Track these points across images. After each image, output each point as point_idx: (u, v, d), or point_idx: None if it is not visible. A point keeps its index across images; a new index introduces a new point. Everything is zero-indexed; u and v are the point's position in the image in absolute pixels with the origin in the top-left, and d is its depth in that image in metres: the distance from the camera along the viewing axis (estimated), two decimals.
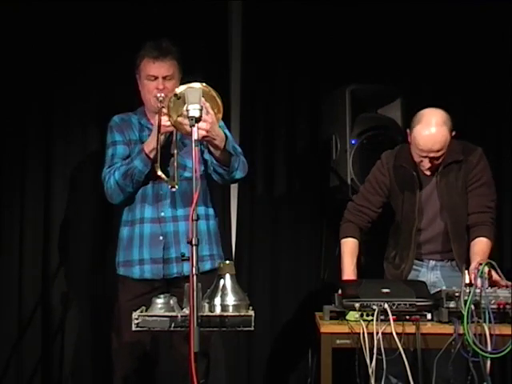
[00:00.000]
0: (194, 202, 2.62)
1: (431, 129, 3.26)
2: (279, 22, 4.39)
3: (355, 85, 4.07)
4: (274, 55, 4.43)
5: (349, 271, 3.42)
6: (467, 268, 3.10)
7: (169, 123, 3.14)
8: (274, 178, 4.45)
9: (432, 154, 3.29)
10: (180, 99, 2.97)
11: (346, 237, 3.50)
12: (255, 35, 4.43)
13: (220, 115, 3.13)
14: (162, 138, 3.23)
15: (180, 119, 3.05)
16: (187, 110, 2.71)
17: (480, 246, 3.33)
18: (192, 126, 2.70)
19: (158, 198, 3.36)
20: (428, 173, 3.40)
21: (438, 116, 3.30)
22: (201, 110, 2.71)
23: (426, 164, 3.33)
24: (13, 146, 4.22)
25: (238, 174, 3.37)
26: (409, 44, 4.36)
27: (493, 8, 4.25)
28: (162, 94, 3.24)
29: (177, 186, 3.12)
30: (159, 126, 3.18)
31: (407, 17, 4.35)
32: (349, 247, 3.48)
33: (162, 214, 3.36)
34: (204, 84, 2.98)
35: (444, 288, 3.02)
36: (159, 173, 3.11)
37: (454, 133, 3.34)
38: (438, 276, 3.49)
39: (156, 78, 3.34)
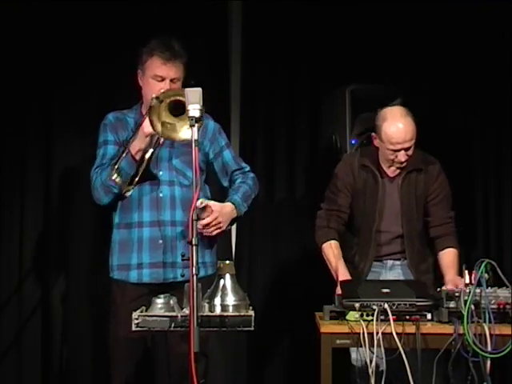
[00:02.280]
0: (194, 201, 2.61)
1: (398, 122, 3.40)
2: (279, 22, 4.40)
3: (355, 85, 4.07)
4: (274, 55, 4.43)
5: (343, 271, 3.43)
6: (467, 268, 3.11)
7: (149, 125, 3.09)
8: (274, 178, 4.45)
9: (406, 144, 3.40)
10: (163, 102, 2.97)
11: (328, 240, 3.53)
12: (255, 35, 4.43)
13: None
14: (147, 140, 3.18)
15: (164, 127, 3.03)
16: (187, 110, 2.71)
17: (450, 257, 3.47)
18: (192, 125, 2.70)
19: (157, 201, 3.31)
20: (395, 172, 3.49)
21: (399, 110, 3.46)
22: (201, 110, 2.70)
23: (402, 156, 3.42)
24: (13, 146, 4.22)
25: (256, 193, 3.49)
26: (409, 44, 4.36)
27: (493, 8, 4.25)
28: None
29: (130, 192, 3.13)
30: (139, 126, 3.17)
31: (407, 17, 4.35)
32: (333, 249, 3.51)
33: (162, 217, 3.30)
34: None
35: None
36: (114, 177, 3.12)
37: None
38: (398, 274, 3.56)
39: (163, 79, 3.28)
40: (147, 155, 3.23)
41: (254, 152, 4.43)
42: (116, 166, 3.14)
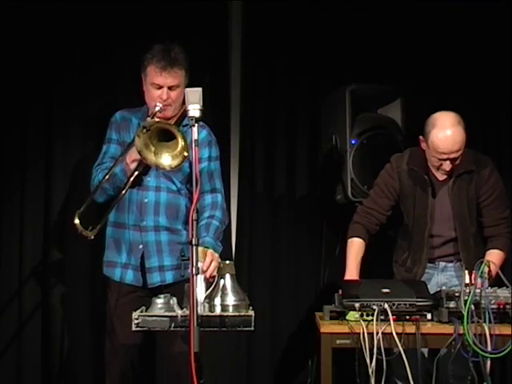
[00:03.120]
0: (194, 201, 2.62)
1: (447, 131, 3.32)
2: (279, 22, 4.39)
3: (355, 85, 4.07)
4: (274, 55, 4.43)
5: (352, 270, 3.43)
6: (467, 268, 3.11)
7: (136, 154, 3.12)
8: (274, 178, 4.45)
9: (453, 155, 3.34)
10: (149, 131, 2.97)
11: (353, 236, 3.53)
12: (255, 35, 4.43)
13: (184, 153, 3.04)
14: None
15: (150, 157, 3.04)
16: (187, 110, 2.72)
17: (491, 257, 3.37)
18: (192, 125, 2.70)
19: (141, 206, 3.32)
20: (443, 177, 3.44)
21: (451, 117, 3.36)
22: (201, 110, 2.71)
23: (447, 166, 3.37)
24: (13, 146, 4.21)
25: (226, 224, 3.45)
26: (409, 44, 4.37)
27: (493, 8, 4.25)
28: (161, 105, 3.22)
29: (92, 237, 3.19)
30: (131, 143, 3.18)
31: (407, 17, 4.35)
32: (354, 247, 3.50)
33: (144, 223, 3.31)
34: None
35: (443, 288, 3.03)
36: (76, 221, 3.20)
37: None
38: (449, 276, 3.53)
39: (161, 87, 3.28)
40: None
41: (254, 152, 4.43)
42: (81, 210, 3.21)
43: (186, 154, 2.99)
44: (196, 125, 2.71)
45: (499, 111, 4.38)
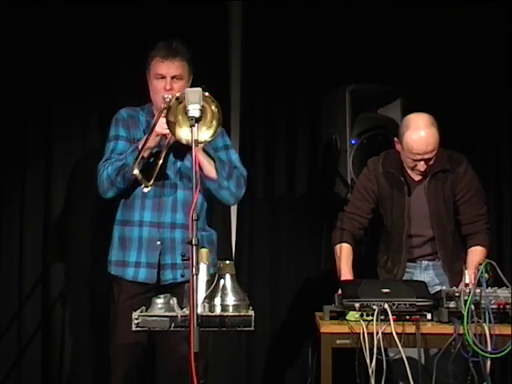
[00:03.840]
0: (194, 201, 2.62)
1: (421, 132, 3.34)
2: (279, 22, 4.39)
3: (355, 85, 4.07)
4: (274, 55, 4.43)
5: (347, 275, 3.43)
6: (467, 268, 3.11)
7: (165, 126, 3.08)
8: (273, 178, 4.45)
9: (427, 156, 3.36)
10: (181, 104, 2.91)
11: (340, 242, 3.54)
12: (255, 35, 4.43)
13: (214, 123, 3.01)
14: (157, 139, 3.20)
15: (177, 127, 2.99)
16: (187, 110, 2.71)
17: (475, 254, 3.42)
18: (192, 126, 2.70)
19: (159, 203, 3.33)
20: (418, 177, 3.46)
21: (425, 119, 3.38)
22: (201, 110, 2.71)
23: (422, 167, 3.40)
24: (13, 146, 4.22)
25: (232, 186, 3.33)
26: (409, 44, 4.36)
27: (493, 8, 4.25)
28: (170, 96, 3.16)
29: (149, 188, 3.12)
30: (154, 125, 3.16)
31: (407, 17, 4.35)
32: (343, 251, 3.51)
33: (162, 219, 3.32)
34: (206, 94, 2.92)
35: (444, 287, 3.03)
36: (135, 171, 3.09)
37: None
38: (431, 275, 3.53)
39: (164, 77, 3.29)
40: (162, 155, 3.22)
41: (254, 152, 4.43)
42: (137, 161, 3.11)
43: (216, 123, 2.96)
44: (196, 125, 2.70)
45: (499, 111, 4.38)
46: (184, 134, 2.98)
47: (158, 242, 3.31)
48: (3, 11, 4.10)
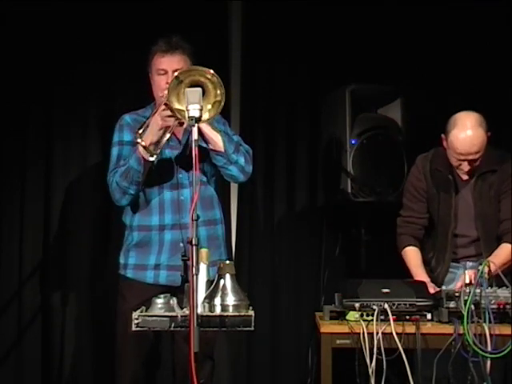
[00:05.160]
0: (194, 201, 2.62)
1: (467, 131, 3.28)
2: (279, 22, 4.39)
3: (355, 85, 4.07)
4: (274, 55, 4.43)
5: (419, 275, 3.39)
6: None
7: (168, 118, 3.07)
8: (274, 178, 4.45)
9: (471, 157, 3.31)
10: (182, 83, 2.87)
11: (404, 247, 3.51)
12: (255, 35, 4.43)
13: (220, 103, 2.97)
14: (160, 133, 3.15)
15: (178, 106, 2.90)
16: (187, 110, 2.71)
17: (500, 252, 3.36)
18: (192, 125, 2.69)
19: (178, 204, 3.31)
20: (466, 176, 3.41)
21: (472, 118, 3.32)
22: (201, 110, 2.71)
23: (466, 167, 3.35)
24: (13, 146, 4.21)
25: (241, 161, 3.31)
26: (409, 44, 4.36)
27: (493, 8, 4.25)
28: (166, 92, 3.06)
29: (154, 157, 3.10)
30: (153, 113, 3.14)
31: (407, 17, 4.35)
32: (410, 255, 3.48)
33: (183, 220, 3.26)
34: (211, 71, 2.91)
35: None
36: (139, 140, 3.06)
37: (489, 133, 3.36)
38: None
39: (166, 72, 3.28)
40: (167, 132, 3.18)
41: (254, 152, 4.40)
42: (141, 131, 3.09)
43: (220, 100, 2.91)
44: (196, 125, 2.70)
45: (499, 111, 4.38)
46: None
47: (181, 244, 3.25)
48: (4, 11, 4.10)
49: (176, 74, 2.93)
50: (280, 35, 4.40)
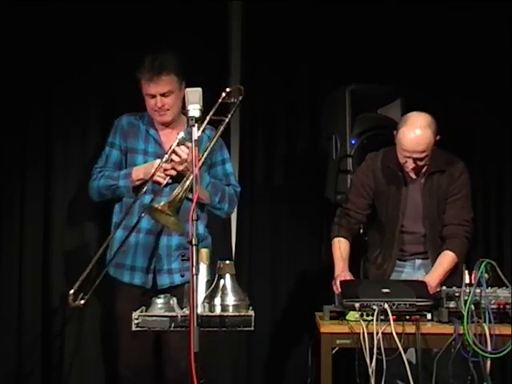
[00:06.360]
0: (194, 201, 2.62)
1: (416, 130, 3.37)
2: (279, 22, 4.39)
3: (355, 85, 4.07)
4: (274, 55, 4.43)
5: (341, 268, 3.45)
6: (467, 268, 3.11)
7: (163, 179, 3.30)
8: (274, 179, 4.45)
9: (416, 155, 3.39)
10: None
11: (336, 236, 3.58)
12: (255, 35, 4.43)
13: None
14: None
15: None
16: (187, 110, 2.72)
17: (443, 260, 3.43)
18: (192, 125, 2.70)
19: None
20: (412, 174, 3.47)
21: (422, 119, 3.41)
22: (201, 110, 2.71)
23: (410, 164, 3.42)
24: (13, 146, 4.21)
25: (225, 207, 3.53)
26: (409, 44, 4.36)
27: (492, 8, 4.25)
28: (182, 134, 3.27)
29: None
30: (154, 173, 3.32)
31: (407, 17, 4.35)
32: (339, 246, 3.55)
33: (159, 227, 3.38)
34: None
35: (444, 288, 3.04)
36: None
37: (438, 137, 3.43)
38: (424, 274, 3.52)
39: (154, 96, 3.39)
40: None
41: (254, 152, 4.43)
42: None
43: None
44: (196, 125, 2.70)
45: (499, 111, 4.38)
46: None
47: (154, 249, 3.41)
48: (3, 11, 4.10)
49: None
50: (280, 35, 4.40)
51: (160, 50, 3.47)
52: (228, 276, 2.76)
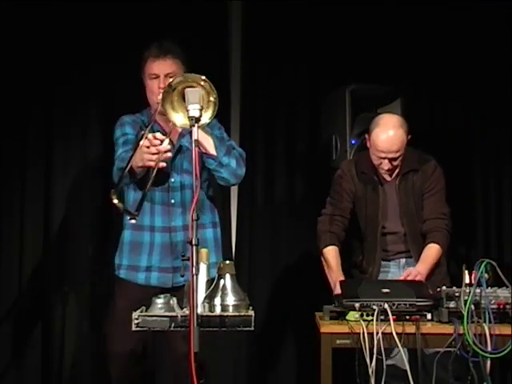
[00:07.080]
0: (194, 201, 2.61)
1: (389, 131, 3.43)
2: (279, 22, 4.40)
3: (355, 85, 4.07)
4: (274, 55, 4.43)
5: (338, 278, 3.41)
6: (467, 268, 3.11)
7: (169, 147, 3.01)
8: (274, 179, 4.45)
9: (391, 155, 3.43)
10: (175, 90, 2.81)
11: (327, 245, 3.54)
12: (255, 35, 4.43)
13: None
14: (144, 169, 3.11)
15: (173, 113, 2.85)
16: (187, 110, 2.71)
17: (429, 252, 3.46)
18: (192, 125, 2.69)
19: (168, 208, 3.33)
20: (387, 176, 3.53)
21: (394, 120, 3.48)
22: (201, 109, 2.70)
23: (386, 165, 3.46)
24: (13, 146, 4.22)
25: (232, 163, 3.26)
26: (409, 44, 4.37)
27: (492, 8, 4.25)
28: (160, 97, 3.02)
29: (136, 220, 2.92)
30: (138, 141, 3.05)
31: (407, 17, 4.36)
32: (333, 255, 3.52)
33: (173, 223, 3.33)
34: (203, 77, 2.88)
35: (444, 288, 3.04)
36: (115, 201, 2.80)
37: (409, 136, 3.47)
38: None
39: (157, 76, 3.31)
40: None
41: (254, 152, 4.43)
42: (118, 187, 2.91)
43: (214, 99, 2.78)
44: (196, 125, 2.70)
45: (499, 111, 4.38)
46: (178, 119, 2.85)
47: (171, 247, 3.32)
48: (3, 11, 4.10)
49: (169, 81, 2.87)
50: (280, 35, 4.40)
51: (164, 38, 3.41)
52: (228, 276, 2.75)
